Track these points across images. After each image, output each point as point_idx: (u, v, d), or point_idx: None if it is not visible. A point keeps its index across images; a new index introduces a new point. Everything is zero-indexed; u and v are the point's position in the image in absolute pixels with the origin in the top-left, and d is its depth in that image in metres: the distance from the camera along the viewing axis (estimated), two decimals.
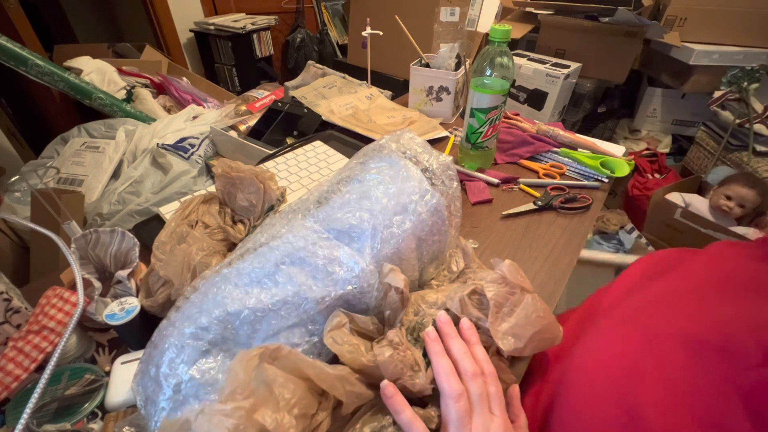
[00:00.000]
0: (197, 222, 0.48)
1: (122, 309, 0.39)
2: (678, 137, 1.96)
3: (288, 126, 0.94)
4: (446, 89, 0.88)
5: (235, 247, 0.40)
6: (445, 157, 0.46)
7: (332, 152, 0.74)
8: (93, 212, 1.03)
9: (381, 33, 1.00)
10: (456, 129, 0.88)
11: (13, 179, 1.16)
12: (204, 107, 1.57)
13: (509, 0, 1.85)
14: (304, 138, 0.82)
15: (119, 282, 0.44)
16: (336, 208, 0.39)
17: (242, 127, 1.09)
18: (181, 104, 1.62)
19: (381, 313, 0.36)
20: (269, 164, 0.71)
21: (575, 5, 1.63)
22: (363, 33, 1.01)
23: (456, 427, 0.30)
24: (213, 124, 1.12)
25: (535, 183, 0.70)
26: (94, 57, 1.64)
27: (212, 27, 2.23)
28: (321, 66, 1.54)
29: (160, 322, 0.34)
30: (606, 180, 0.70)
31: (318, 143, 0.77)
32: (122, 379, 0.38)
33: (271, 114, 0.98)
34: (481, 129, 0.66)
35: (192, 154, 1.15)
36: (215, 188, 0.52)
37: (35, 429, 0.34)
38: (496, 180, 0.69)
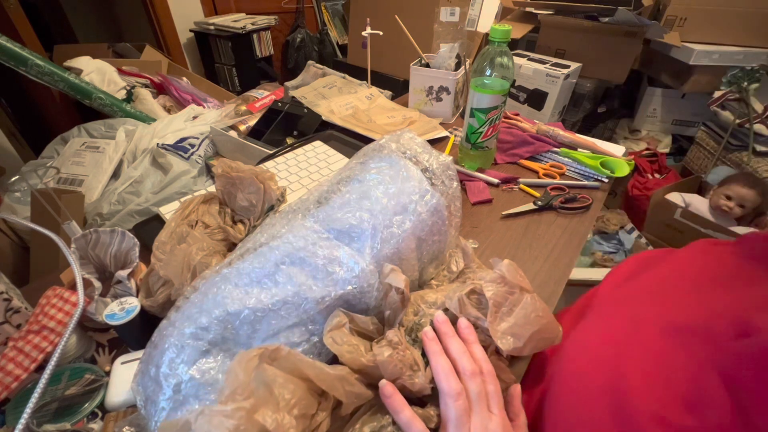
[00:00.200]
0: (197, 222, 0.48)
1: (122, 309, 0.39)
2: (678, 137, 1.96)
3: (288, 126, 0.94)
4: (446, 89, 0.88)
5: (235, 247, 0.40)
6: (445, 157, 0.46)
7: (332, 152, 0.74)
8: (93, 212, 1.03)
9: (381, 33, 1.00)
10: (456, 129, 0.88)
11: (13, 179, 1.16)
12: (204, 107, 1.57)
13: (509, 0, 1.85)
14: (304, 138, 0.82)
15: (119, 282, 0.44)
16: (336, 208, 0.39)
17: (242, 127, 1.09)
18: (181, 104, 1.62)
19: (381, 313, 0.36)
20: (269, 164, 0.71)
21: (575, 5, 1.63)
22: (363, 33, 1.01)
23: (455, 426, 0.30)
24: (213, 124, 1.12)
25: (535, 183, 0.70)
26: (94, 57, 1.64)
27: (212, 27, 2.23)
28: (321, 66, 1.54)
29: (160, 322, 0.34)
30: (606, 180, 0.70)
31: (318, 143, 0.77)
32: (122, 379, 0.38)
33: (271, 114, 0.98)
34: (481, 129, 0.66)
35: (192, 154, 1.15)
36: (215, 188, 0.52)
37: (35, 429, 0.34)
38: (496, 180, 0.69)
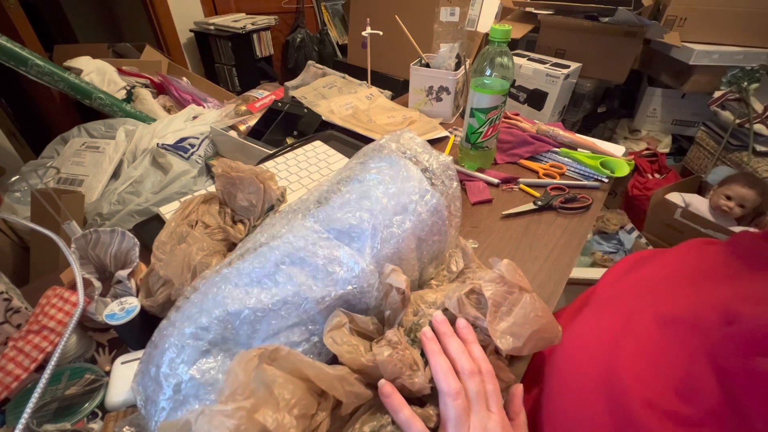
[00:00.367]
0: (197, 222, 0.48)
1: (122, 309, 0.39)
2: (678, 137, 1.96)
3: (288, 126, 0.94)
4: (446, 89, 0.88)
5: (235, 247, 0.40)
6: (445, 157, 0.46)
7: (332, 152, 0.74)
8: (93, 212, 1.03)
9: (381, 33, 1.00)
10: (456, 129, 0.88)
11: (13, 179, 1.16)
12: (204, 107, 1.57)
13: (509, 0, 1.85)
14: (304, 138, 0.82)
15: (119, 282, 0.44)
16: (336, 208, 0.39)
17: (242, 127, 1.09)
18: (181, 104, 1.62)
19: (381, 313, 0.36)
20: (269, 164, 0.71)
21: (575, 5, 1.63)
22: (363, 33, 1.01)
23: (454, 425, 0.30)
24: (213, 124, 1.12)
25: (535, 183, 0.70)
26: (94, 57, 1.64)
27: (212, 27, 2.23)
28: (321, 66, 1.54)
29: (160, 322, 0.34)
30: (606, 180, 0.70)
31: (318, 143, 0.77)
32: (122, 379, 0.38)
33: (271, 114, 0.98)
34: (481, 129, 0.66)
35: (192, 154, 1.15)
36: (215, 188, 0.52)
37: (35, 429, 0.34)
38: (496, 180, 0.69)
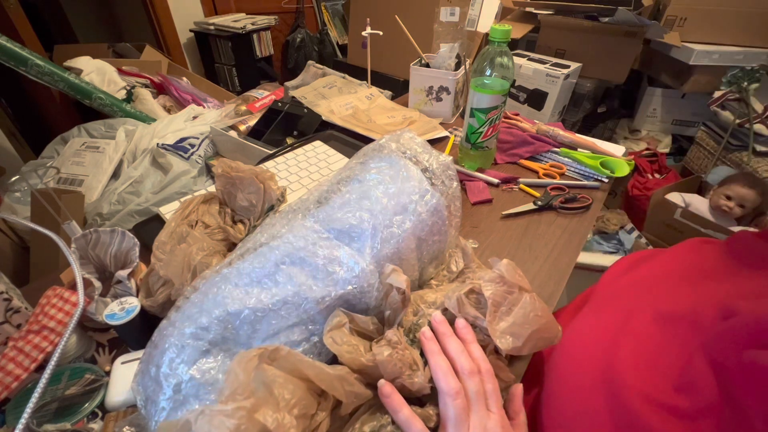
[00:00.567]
0: (197, 222, 0.48)
1: (122, 309, 0.39)
2: (678, 137, 1.96)
3: (288, 126, 0.94)
4: (446, 89, 0.88)
5: (235, 247, 0.40)
6: (445, 157, 0.46)
7: (332, 152, 0.74)
8: (93, 212, 1.03)
9: (381, 33, 1.00)
10: (456, 129, 0.88)
11: (13, 179, 1.16)
12: (204, 107, 1.57)
13: (509, 0, 1.85)
14: (304, 138, 0.82)
15: (119, 282, 0.44)
16: (336, 208, 0.39)
17: (242, 127, 1.09)
18: (181, 104, 1.62)
19: (381, 313, 0.36)
20: (269, 164, 0.71)
21: (575, 5, 1.63)
22: (363, 33, 1.01)
23: (454, 425, 0.30)
24: (213, 124, 1.12)
25: (535, 183, 0.70)
26: (94, 57, 1.64)
27: (212, 27, 2.23)
28: (321, 66, 1.54)
29: (160, 322, 0.34)
30: (606, 180, 0.70)
31: (318, 143, 0.77)
32: (122, 379, 0.38)
33: (271, 114, 0.98)
34: (481, 129, 0.66)
35: (192, 154, 1.15)
36: (215, 188, 0.52)
37: (35, 429, 0.34)
38: (496, 180, 0.69)
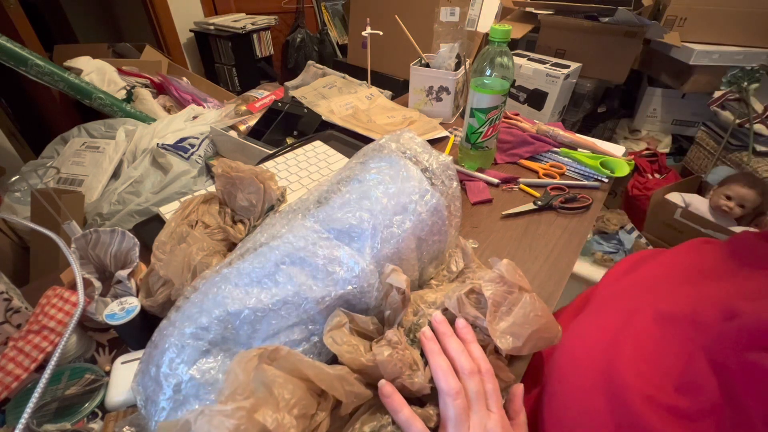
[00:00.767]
0: (197, 222, 0.48)
1: (122, 309, 0.39)
2: (678, 137, 1.96)
3: (288, 126, 0.94)
4: (446, 89, 0.88)
5: (235, 247, 0.40)
6: (445, 157, 0.46)
7: (332, 152, 0.74)
8: (93, 212, 1.03)
9: (381, 33, 1.00)
10: (456, 129, 0.88)
11: (13, 179, 1.16)
12: (204, 107, 1.57)
13: (509, 0, 1.85)
14: (304, 138, 0.82)
15: (119, 282, 0.44)
16: (336, 208, 0.39)
17: (242, 127, 1.09)
18: (181, 104, 1.62)
19: (381, 313, 0.36)
20: (269, 164, 0.71)
21: (575, 5, 1.63)
22: (363, 33, 1.01)
23: (454, 425, 0.30)
24: (213, 124, 1.12)
25: (535, 183, 0.70)
26: (94, 57, 1.64)
27: (212, 27, 2.23)
28: (321, 66, 1.54)
29: (160, 322, 0.34)
30: (606, 180, 0.70)
31: (318, 143, 0.77)
32: (122, 379, 0.38)
33: (271, 114, 0.98)
34: (481, 129, 0.66)
35: (192, 154, 1.15)
36: (215, 188, 0.52)
37: (35, 429, 0.34)
38: (496, 180, 0.69)
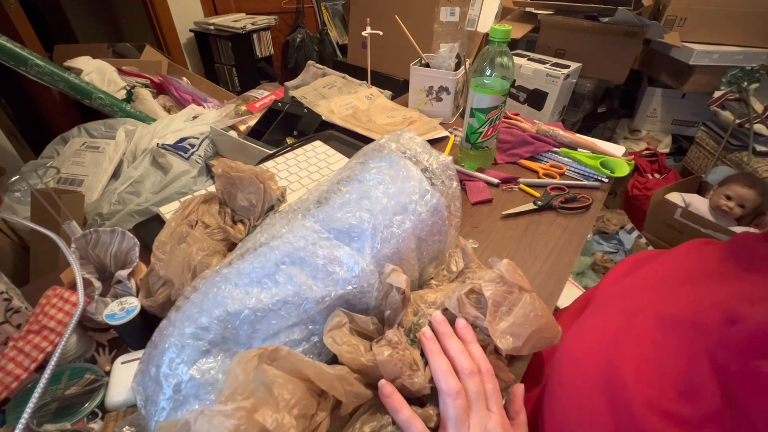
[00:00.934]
0: (197, 222, 0.48)
1: (122, 309, 0.39)
2: (678, 137, 1.96)
3: (288, 126, 0.94)
4: (446, 89, 0.88)
5: (235, 247, 0.40)
6: (445, 157, 0.46)
7: (332, 152, 0.74)
8: (93, 212, 1.03)
9: (381, 33, 1.00)
10: (456, 129, 0.88)
11: (13, 179, 1.16)
12: (204, 107, 1.57)
13: (509, 0, 1.85)
14: (304, 138, 0.82)
15: (119, 282, 0.44)
16: (336, 208, 0.39)
17: (242, 127, 1.09)
18: (181, 104, 1.62)
19: (381, 313, 0.36)
20: (269, 164, 0.71)
21: (575, 5, 1.63)
22: (363, 33, 1.01)
23: (454, 425, 0.30)
24: (213, 124, 1.12)
25: (535, 183, 0.70)
26: (94, 57, 1.64)
27: (212, 27, 2.23)
28: (321, 66, 1.54)
29: (161, 322, 0.34)
30: (606, 180, 0.70)
31: (318, 143, 0.77)
32: (122, 379, 0.38)
33: (271, 114, 0.98)
34: (481, 129, 0.66)
35: (192, 154, 1.15)
36: (215, 188, 0.52)
37: (35, 429, 0.34)
38: (496, 180, 0.69)
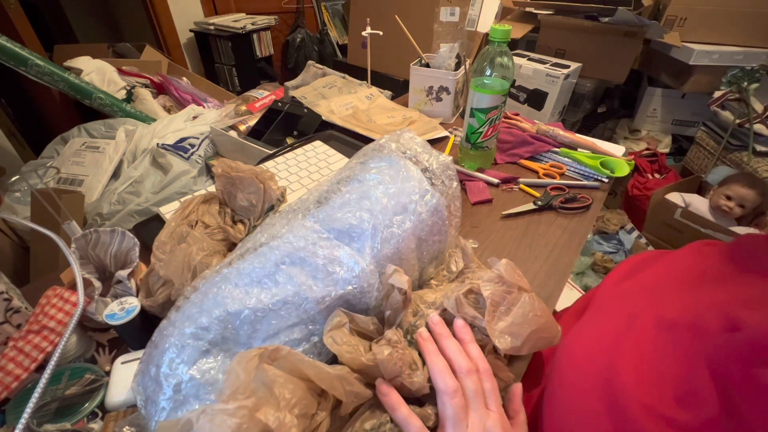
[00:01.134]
0: (197, 222, 0.48)
1: (122, 309, 0.39)
2: (678, 137, 1.96)
3: (288, 126, 0.94)
4: (446, 89, 0.88)
5: (235, 247, 0.40)
6: (445, 157, 0.46)
7: (332, 152, 0.74)
8: (93, 212, 1.03)
9: (381, 33, 1.00)
10: (456, 129, 0.88)
11: (13, 179, 1.17)
12: (204, 107, 1.57)
13: (509, 0, 1.85)
14: (304, 138, 0.82)
15: (119, 282, 0.44)
16: (336, 208, 0.39)
17: (242, 127, 1.09)
18: (181, 104, 1.62)
19: (381, 313, 0.36)
20: (269, 164, 0.71)
21: (575, 5, 1.63)
22: (363, 33, 1.01)
23: (452, 424, 0.30)
24: (213, 124, 1.12)
25: (535, 183, 0.70)
26: (94, 57, 1.64)
27: (212, 27, 2.23)
28: (321, 66, 1.54)
29: (161, 322, 0.34)
30: (606, 180, 0.70)
31: (318, 143, 0.77)
32: (122, 379, 0.38)
33: (271, 114, 0.98)
34: (481, 129, 0.66)
35: (192, 154, 1.15)
36: (215, 188, 0.52)
37: (35, 429, 0.34)
38: (496, 180, 0.69)
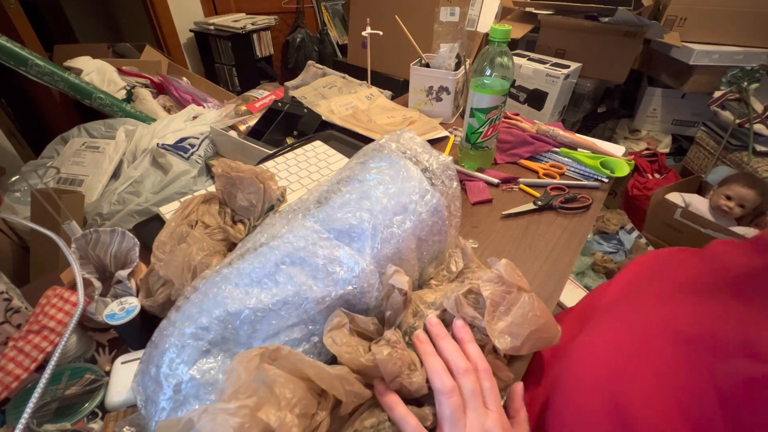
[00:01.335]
0: (197, 222, 0.48)
1: (122, 309, 0.39)
2: (678, 137, 1.96)
3: (288, 126, 0.94)
4: (446, 89, 0.88)
5: (235, 247, 0.40)
6: (445, 157, 0.46)
7: (332, 152, 0.74)
8: (93, 212, 1.03)
9: (381, 33, 1.00)
10: (456, 129, 0.88)
11: (13, 179, 1.17)
12: (204, 107, 1.57)
13: (509, 0, 1.85)
14: (304, 138, 0.82)
15: (119, 282, 0.44)
16: (336, 208, 0.39)
17: (242, 127, 1.09)
18: (181, 104, 1.62)
19: (381, 314, 0.36)
20: (269, 164, 0.71)
21: (575, 5, 1.63)
22: (363, 33, 1.01)
23: (450, 423, 0.30)
24: (213, 124, 1.12)
25: (535, 183, 0.70)
26: (94, 57, 1.64)
27: (212, 27, 2.23)
28: (321, 66, 1.54)
29: (161, 322, 0.34)
30: (606, 180, 0.70)
31: (318, 143, 0.77)
32: (122, 379, 0.38)
33: (271, 114, 0.98)
34: (481, 129, 0.66)
35: (192, 154, 1.15)
36: (215, 188, 0.52)
37: (35, 429, 0.34)
38: (496, 180, 0.69)
